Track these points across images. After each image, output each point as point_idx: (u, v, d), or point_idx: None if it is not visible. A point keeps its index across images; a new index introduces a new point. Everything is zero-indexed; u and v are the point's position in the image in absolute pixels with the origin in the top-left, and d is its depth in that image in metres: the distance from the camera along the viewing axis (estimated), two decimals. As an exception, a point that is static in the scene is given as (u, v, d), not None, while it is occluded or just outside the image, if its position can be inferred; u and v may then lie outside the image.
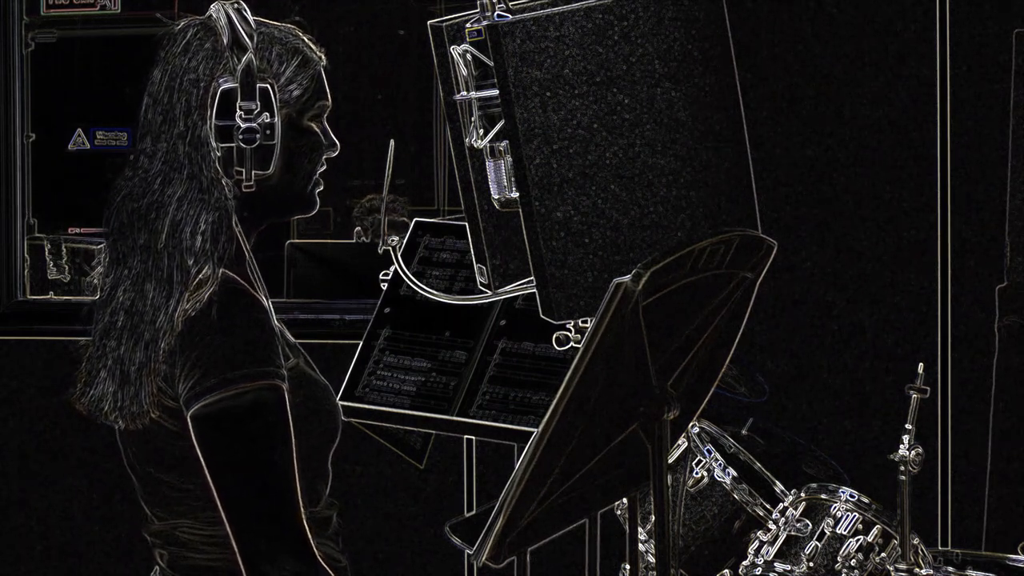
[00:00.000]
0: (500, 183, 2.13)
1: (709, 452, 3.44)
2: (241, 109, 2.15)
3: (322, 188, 2.28)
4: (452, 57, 2.17)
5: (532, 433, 1.96)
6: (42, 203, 4.99)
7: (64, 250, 5.24)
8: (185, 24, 2.21)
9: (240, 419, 2.07)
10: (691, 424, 3.31)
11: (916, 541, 3.23)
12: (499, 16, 2.09)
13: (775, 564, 3.31)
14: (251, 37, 2.17)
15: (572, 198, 2.08)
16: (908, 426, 3.14)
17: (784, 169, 4.41)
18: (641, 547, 3.38)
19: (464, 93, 2.16)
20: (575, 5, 2.08)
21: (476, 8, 2.12)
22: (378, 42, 6.29)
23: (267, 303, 2.22)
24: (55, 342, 4.63)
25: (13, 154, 4.86)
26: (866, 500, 3.36)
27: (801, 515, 3.36)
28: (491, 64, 2.08)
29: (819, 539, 3.31)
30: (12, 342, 4.76)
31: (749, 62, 4.29)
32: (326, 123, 2.27)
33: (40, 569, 4.74)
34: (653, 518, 3.11)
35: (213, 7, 2.20)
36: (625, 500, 2.87)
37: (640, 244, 2.12)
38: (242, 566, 2.08)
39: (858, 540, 3.30)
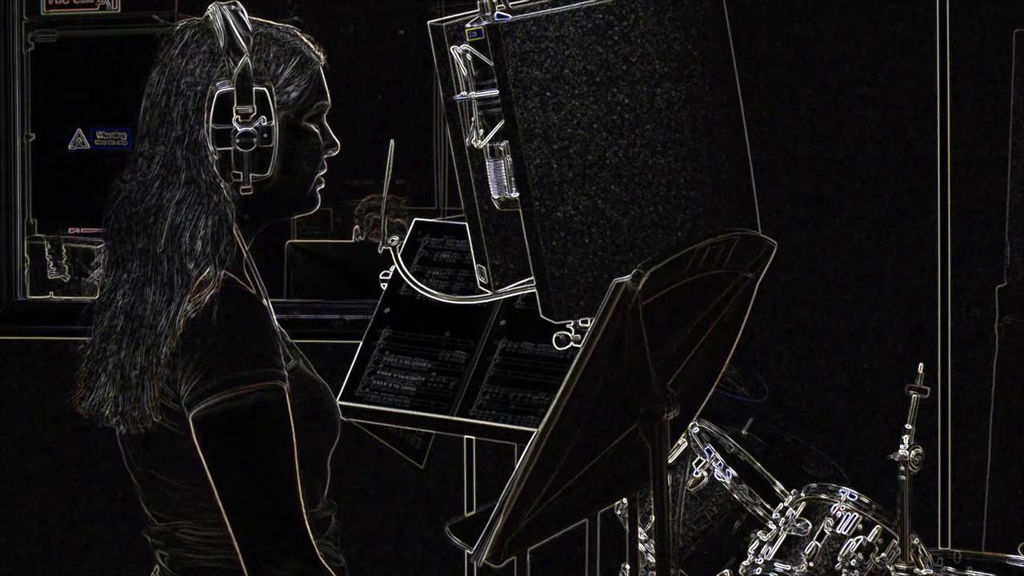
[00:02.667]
0: (500, 183, 2.13)
1: (709, 452, 3.44)
2: (237, 113, 2.14)
3: (323, 186, 2.28)
4: (452, 57, 2.17)
5: (532, 433, 1.96)
6: (42, 203, 4.99)
7: (64, 250, 5.23)
8: (183, 26, 2.20)
9: (242, 420, 2.07)
10: (691, 424, 3.31)
11: (916, 541, 3.23)
12: (499, 16, 2.09)
13: (775, 564, 3.31)
14: (248, 39, 2.16)
15: (572, 198, 2.08)
16: (908, 426, 3.14)
17: (784, 169, 4.40)
18: (641, 547, 3.38)
19: (464, 93, 2.16)
20: (575, 5, 2.08)
21: (476, 8, 2.12)
22: (378, 42, 6.29)
23: (267, 304, 2.22)
24: (55, 342, 4.63)
25: (13, 154, 4.87)
26: (866, 500, 3.35)
27: (801, 515, 3.36)
28: (491, 64, 2.08)
29: (819, 539, 3.31)
30: (12, 342, 4.76)
31: (749, 62, 4.29)
32: (326, 122, 2.26)
33: (40, 569, 4.73)
34: (653, 518, 3.11)
35: (210, 8, 2.19)
36: (625, 500, 2.87)
37: (640, 244, 2.11)
38: (244, 567, 2.08)
39: (858, 540, 3.29)
